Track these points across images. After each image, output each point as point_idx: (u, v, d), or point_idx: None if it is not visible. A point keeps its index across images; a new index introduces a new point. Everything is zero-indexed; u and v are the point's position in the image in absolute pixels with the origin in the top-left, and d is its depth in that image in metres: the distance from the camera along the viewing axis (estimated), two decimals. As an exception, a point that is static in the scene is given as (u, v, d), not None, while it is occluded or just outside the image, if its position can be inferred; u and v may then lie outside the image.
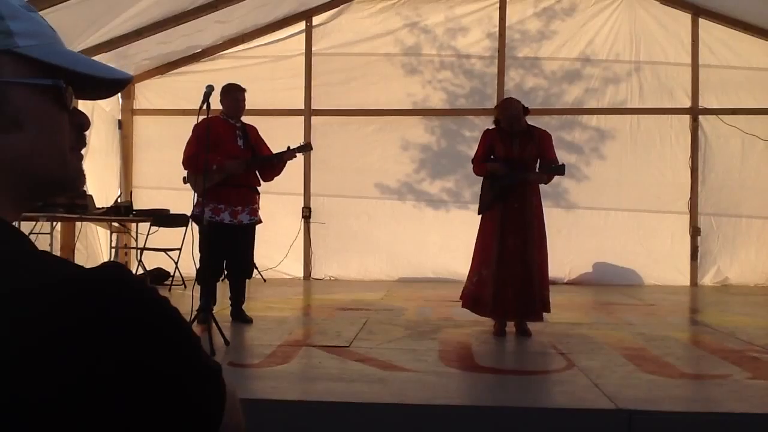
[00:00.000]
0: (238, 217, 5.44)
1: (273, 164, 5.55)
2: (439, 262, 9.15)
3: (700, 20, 9.19)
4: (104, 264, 0.68)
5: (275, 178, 5.68)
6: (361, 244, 9.28)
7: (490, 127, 5.54)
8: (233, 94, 5.51)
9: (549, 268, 5.35)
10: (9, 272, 0.62)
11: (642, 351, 4.57)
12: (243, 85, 5.61)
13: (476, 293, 5.27)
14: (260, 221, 5.66)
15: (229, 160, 5.35)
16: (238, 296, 5.57)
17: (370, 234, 9.30)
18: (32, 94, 0.73)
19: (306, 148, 5.74)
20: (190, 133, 5.43)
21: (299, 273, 9.41)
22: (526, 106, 5.42)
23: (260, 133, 5.73)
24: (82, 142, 0.81)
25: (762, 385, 3.75)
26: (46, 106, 0.75)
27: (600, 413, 3.17)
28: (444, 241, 9.08)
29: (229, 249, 5.39)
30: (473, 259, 5.39)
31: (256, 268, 8.41)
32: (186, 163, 5.42)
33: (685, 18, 9.25)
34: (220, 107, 5.53)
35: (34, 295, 0.60)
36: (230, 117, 5.53)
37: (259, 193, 5.66)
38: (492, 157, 5.33)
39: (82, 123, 0.80)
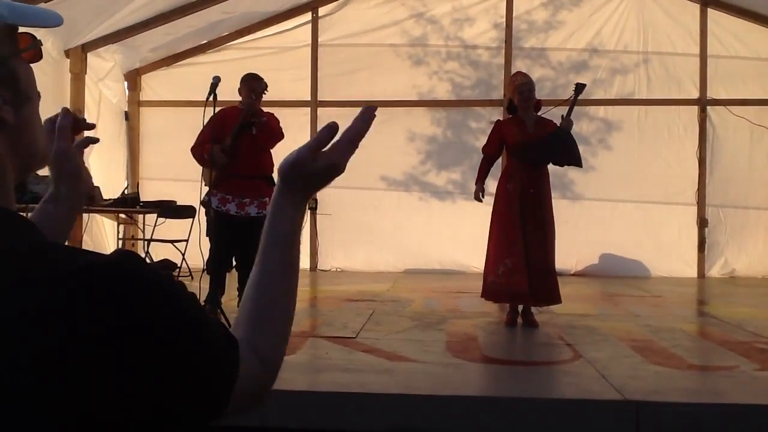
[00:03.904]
0: (245, 209, 5.36)
1: (258, 131, 5.33)
2: (446, 253, 9.15)
3: (709, 10, 9.12)
4: (117, 251, 0.68)
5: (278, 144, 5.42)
6: (368, 236, 9.28)
7: (500, 118, 5.49)
8: (248, 83, 5.45)
9: (555, 259, 5.34)
10: (27, 262, 0.62)
11: (649, 342, 4.57)
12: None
13: (507, 284, 5.08)
14: None
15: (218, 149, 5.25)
16: (245, 288, 5.55)
17: (377, 225, 9.30)
18: (23, 63, 0.72)
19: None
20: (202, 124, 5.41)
21: (306, 264, 9.41)
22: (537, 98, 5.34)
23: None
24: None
25: (769, 376, 3.74)
26: (30, 71, 0.73)
27: (607, 404, 3.18)
28: (450, 233, 9.06)
29: (237, 240, 5.36)
30: (493, 250, 5.23)
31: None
32: (192, 151, 5.42)
33: (694, 8, 9.19)
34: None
35: (51, 283, 0.60)
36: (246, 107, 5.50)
37: (273, 185, 5.57)
38: (506, 144, 5.27)
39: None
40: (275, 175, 1.04)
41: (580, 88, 5.33)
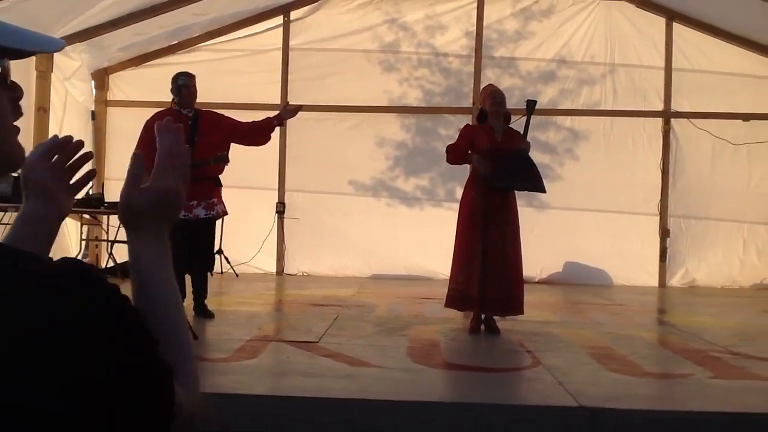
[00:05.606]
0: (192, 211, 5.24)
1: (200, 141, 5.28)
2: (413, 259, 9.18)
3: (674, 24, 9.30)
4: (63, 260, 0.67)
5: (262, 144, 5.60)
6: (335, 241, 9.28)
7: (470, 123, 5.56)
8: (180, 81, 5.37)
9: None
10: None
11: (608, 350, 4.64)
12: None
13: (464, 291, 5.18)
14: (221, 215, 5.49)
15: None
16: (199, 291, 5.43)
17: (344, 230, 9.30)
18: None
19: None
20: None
21: (272, 268, 9.39)
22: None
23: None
24: (18, 114, 0.79)
25: (723, 384, 3.83)
26: None
27: (563, 411, 3.22)
28: (417, 239, 9.10)
29: (188, 244, 5.26)
30: (456, 257, 5.29)
31: (229, 263, 8.40)
32: None
33: (660, 22, 9.36)
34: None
35: None
36: (183, 107, 5.36)
37: (220, 186, 5.51)
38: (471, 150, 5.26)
39: (17, 95, 0.78)
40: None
41: (531, 105, 5.43)
